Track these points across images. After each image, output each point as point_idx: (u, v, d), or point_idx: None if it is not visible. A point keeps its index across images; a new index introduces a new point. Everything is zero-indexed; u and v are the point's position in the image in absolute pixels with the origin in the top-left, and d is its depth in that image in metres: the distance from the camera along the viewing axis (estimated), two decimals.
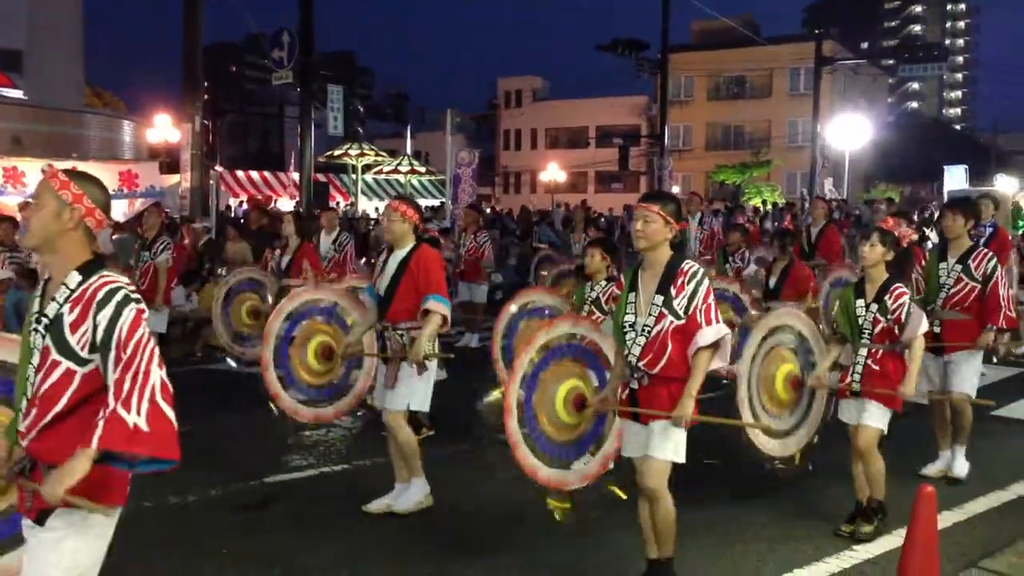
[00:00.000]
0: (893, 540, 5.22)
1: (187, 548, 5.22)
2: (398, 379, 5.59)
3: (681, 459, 4.28)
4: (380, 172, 34.30)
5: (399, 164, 34.01)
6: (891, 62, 67.20)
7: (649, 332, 4.22)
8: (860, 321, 5.39)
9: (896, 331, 5.32)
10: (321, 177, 26.75)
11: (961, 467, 6.54)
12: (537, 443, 4.74)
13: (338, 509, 5.79)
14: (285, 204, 27.54)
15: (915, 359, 5.27)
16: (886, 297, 5.30)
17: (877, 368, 5.34)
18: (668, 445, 4.24)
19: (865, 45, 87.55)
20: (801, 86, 49.59)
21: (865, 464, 5.37)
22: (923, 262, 6.81)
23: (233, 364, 10.21)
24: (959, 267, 6.40)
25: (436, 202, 33.68)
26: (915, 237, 5.83)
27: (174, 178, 18.60)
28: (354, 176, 32.61)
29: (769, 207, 33.04)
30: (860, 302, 5.40)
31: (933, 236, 15.70)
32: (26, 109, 23.55)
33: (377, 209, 29.12)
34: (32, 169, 16.22)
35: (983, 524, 5.75)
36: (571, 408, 4.74)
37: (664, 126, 29.30)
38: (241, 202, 27.46)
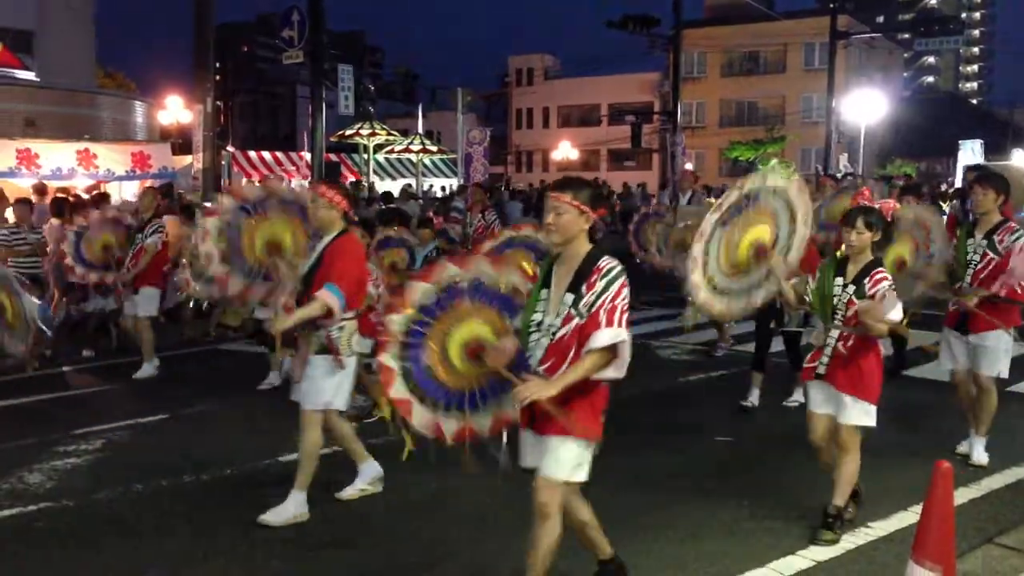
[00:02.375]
0: (909, 517, 5.21)
1: (205, 525, 5.26)
2: (310, 375, 5.35)
3: (582, 478, 3.85)
4: (392, 152, 34.25)
5: (410, 143, 33.95)
6: (907, 36, 66.80)
7: (554, 334, 3.79)
8: (835, 301, 5.05)
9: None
10: (333, 157, 26.72)
11: (981, 455, 6.40)
12: (417, 378, 3.95)
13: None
14: (297, 184, 27.55)
15: (880, 330, 4.85)
16: (865, 280, 4.97)
17: (846, 354, 5.02)
18: (562, 463, 3.80)
19: (881, 19, 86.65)
20: (816, 61, 49.19)
21: (843, 462, 5.07)
22: (953, 240, 6.57)
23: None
24: (984, 242, 6.22)
25: (449, 182, 33.63)
26: (898, 207, 5.51)
27: (186, 159, 18.62)
28: (366, 156, 32.58)
29: None
30: (839, 280, 5.07)
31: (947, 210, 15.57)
32: (39, 91, 23.57)
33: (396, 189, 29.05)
34: (45, 151, 16.25)
35: (999, 501, 5.71)
36: (465, 356, 3.92)
37: (677, 103, 29.11)
38: (253, 183, 27.47)
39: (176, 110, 31.40)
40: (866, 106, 39.85)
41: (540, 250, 6.61)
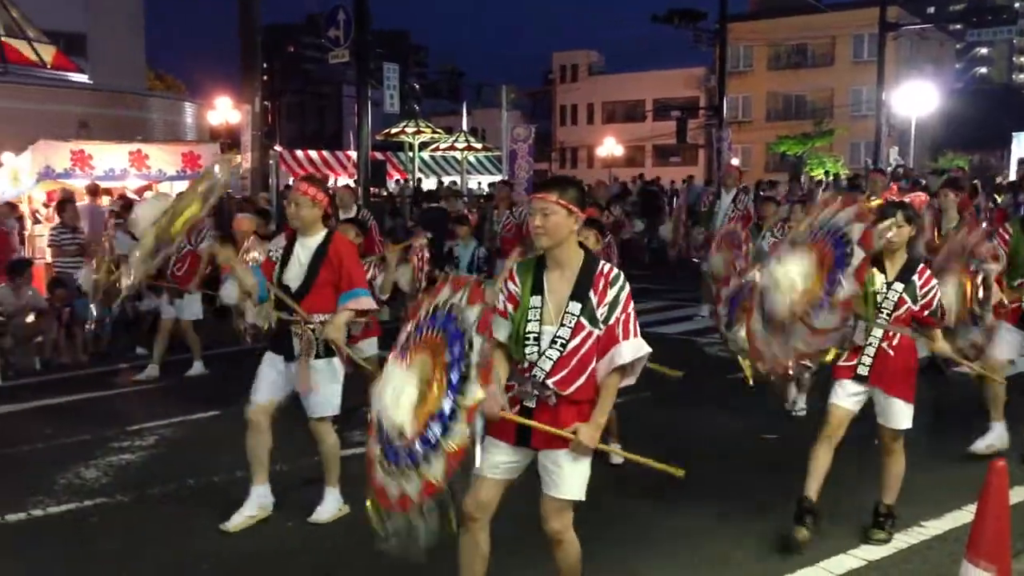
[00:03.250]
0: (963, 515, 5.13)
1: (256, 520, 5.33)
2: (317, 381, 5.13)
3: (583, 496, 3.67)
4: (437, 149, 34.41)
5: (455, 141, 34.09)
6: (959, 26, 65.50)
7: (564, 345, 3.58)
8: (879, 299, 4.83)
9: (926, 315, 4.86)
10: (379, 155, 26.91)
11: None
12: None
13: None
14: (344, 183, 27.80)
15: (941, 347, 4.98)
16: (914, 277, 4.80)
17: (892, 354, 4.83)
18: (575, 482, 3.62)
19: (932, 9, 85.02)
20: (865, 53, 48.40)
21: (889, 464, 4.99)
22: (1007, 235, 6.40)
23: None
24: None
25: (494, 178, 33.67)
26: (926, 199, 5.34)
27: (235, 159, 18.85)
28: (411, 154, 32.75)
29: (831, 178, 32.41)
30: (881, 278, 4.84)
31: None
32: (92, 93, 24.01)
33: (441, 183, 29.19)
34: (98, 152, 16.55)
35: None
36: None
37: (723, 97, 28.82)
38: None
39: (225, 111, 31.81)
40: (917, 98, 39.11)
41: None
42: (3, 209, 12.88)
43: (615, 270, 3.66)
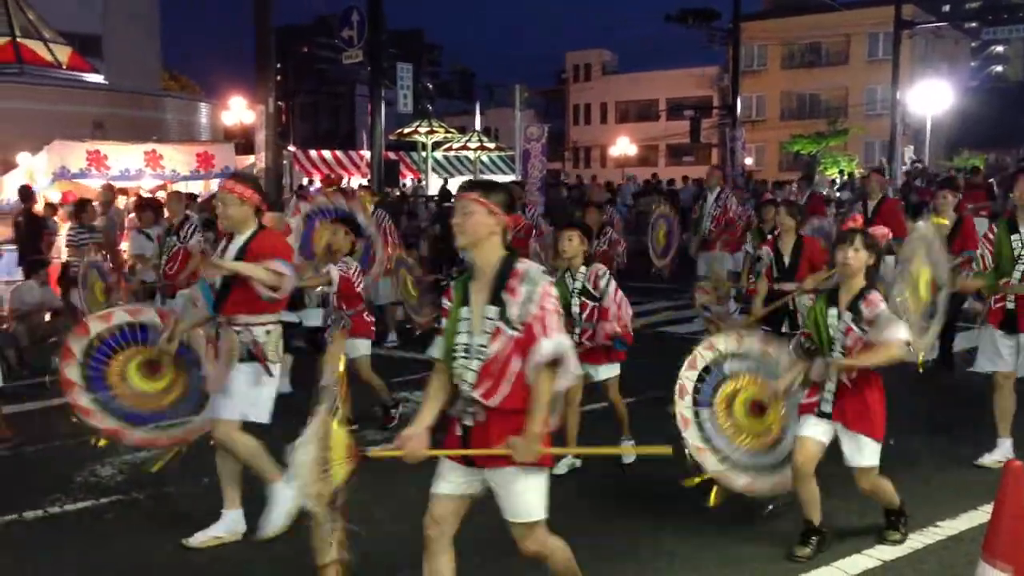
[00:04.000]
0: (979, 516, 5.11)
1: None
2: (232, 381, 4.90)
3: (543, 514, 3.52)
4: (450, 149, 34.41)
5: (468, 140, 34.10)
6: (974, 24, 65.20)
7: (484, 354, 3.45)
8: (831, 332, 4.74)
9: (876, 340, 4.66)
10: (391, 155, 26.96)
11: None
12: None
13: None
14: (358, 183, 27.84)
15: (879, 358, 4.58)
16: (860, 303, 4.65)
17: (851, 387, 4.69)
18: (529, 501, 3.46)
19: (947, 7, 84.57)
20: (880, 51, 48.18)
21: (873, 496, 4.92)
22: (991, 235, 6.32)
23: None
24: None
25: (507, 179, 33.69)
26: (890, 236, 5.21)
27: (249, 159, 18.92)
28: (424, 153, 32.77)
29: (846, 177, 32.28)
30: (833, 311, 4.75)
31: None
32: (107, 94, 24.13)
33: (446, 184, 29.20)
34: (114, 152, 16.66)
35: None
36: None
37: (736, 97, 28.75)
38: (311, 181, 27.84)
39: (239, 111, 31.94)
40: (932, 97, 38.93)
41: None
42: (47, 211, 13.05)
43: (531, 266, 3.48)
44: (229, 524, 5.08)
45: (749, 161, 40.12)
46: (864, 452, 4.71)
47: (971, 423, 6.97)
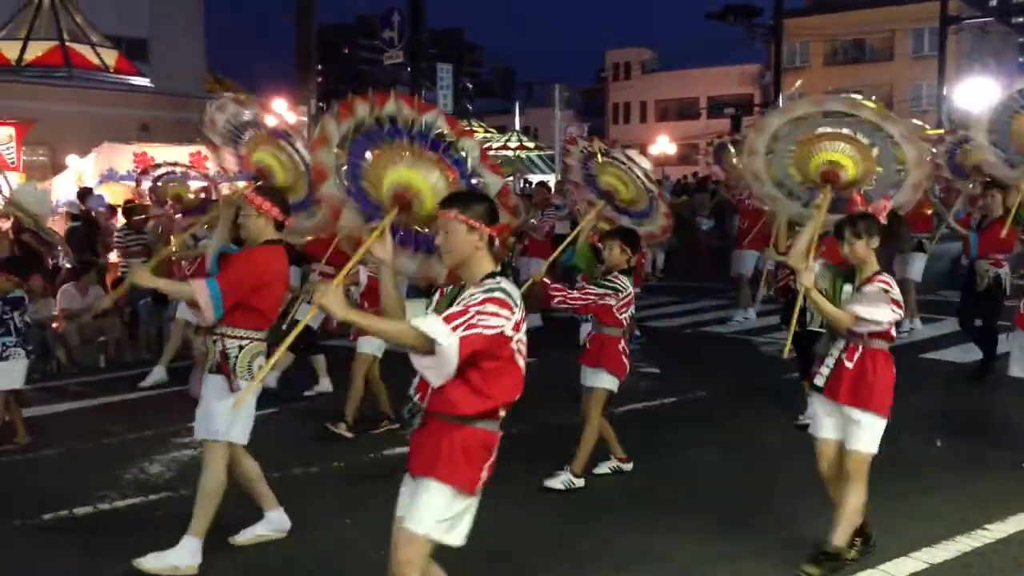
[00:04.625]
0: None
1: (307, 517, 5.41)
2: (204, 396, 4.80)
3: (451, 541, 3.32)
4: (489, 148, 34.46)
5: (508, 140, 34.14)
6: (1022, 19, 63.91)
7: None
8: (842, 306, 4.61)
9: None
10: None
11: None
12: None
13: None
14: None
15: (831, 310, 4.52)
16: (866, 285, 4.55)
17: (851, 367, 4.55)
18: (424, 515, 3.28)
19: (994, 2, 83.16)
20: (925, 47, 47.44)
21: (849, 492, 4.53)
22: None
23: None
24: None
25: (547, 178, 33.68)
26: (889, 204, 4.99)
27: None
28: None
29: None
30: (848, 287, 4.64)
31: None
32: (153, 96, 24.50)
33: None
34: (160, 154, 16.90)
35: None
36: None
37: (779, 94, 28.51)
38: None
39: (281, 112, 32.26)
40: (979, 93, 38.28)
41: None
42: (105, 213, 13.29)
43: (496, 283, 3.26)
44: (272, 523, 5.11)
45: None
46: (856, 430, 4.52)
47: (1019, 427, 6.86)
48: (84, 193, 13.74)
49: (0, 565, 4.97)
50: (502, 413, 3.36)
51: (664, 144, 50.04)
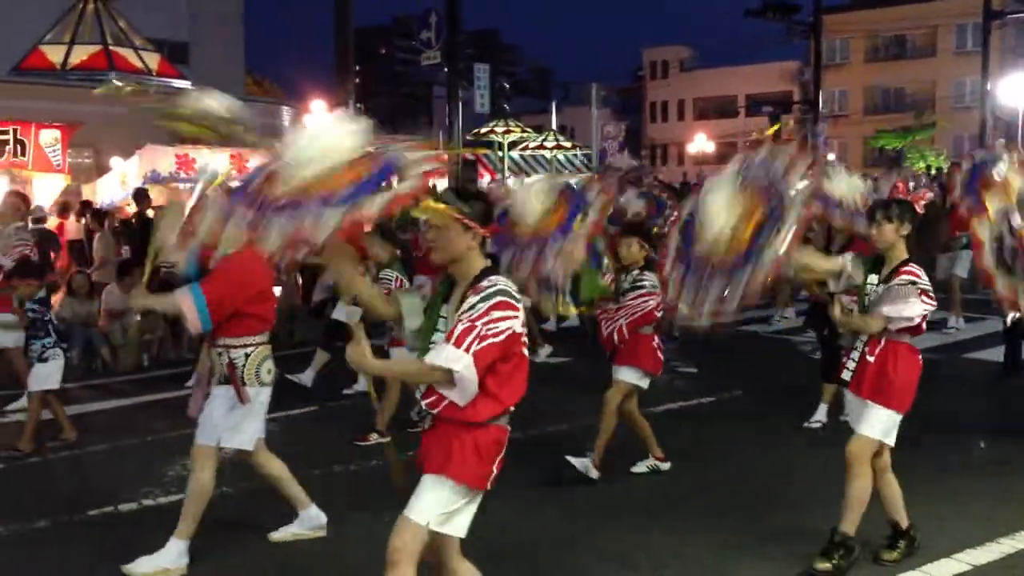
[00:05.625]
0: None
1: (339, 515, 5.46)
2: (209, 405, 4.80)
3: (455, 533, 3.38)
4: (526, 148, 34.48)
5: (545, 140, 34.12)
6: None
7: None
8: (866, 301, 4.56)
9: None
10: (468, 155, 27.16)
11: None
12: None
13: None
14: (435, 183, 28.10)
15: (860, 322, 4.48)
16: (894, 277, 4.46)
17: (873, 361, 4.49)
18: (424, 505, 3.32)
19: None
20: (968, 43, 46.74)
21: (849, 478, 4.48)
22: None
23: None
24: None
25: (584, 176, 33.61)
26: (931, 195, 4.75)
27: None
28: (500, 153, 32.91)
29: (934, 172, 31.38)
30: (873, 277, 4.56)
31: None
32: None
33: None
34: (201, 157, 17.12)
35: None
36: None
37: (818, 91, 28.23)
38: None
39: (320, 113, 32.51)
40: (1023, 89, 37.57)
41: None
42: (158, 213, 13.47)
43: (494, 285, 3.27)
44: (306, 521, 5.15)
45: (832, 157, 39.26)
46: (869, 419, 4.49)
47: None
48: (139, 194, 13.87)
49: (47, 560, 5.07)
50: (511, 409, 3.39)
51: (702, 142, 49.79)
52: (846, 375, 4.64)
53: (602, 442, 5.94)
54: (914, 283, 4.40)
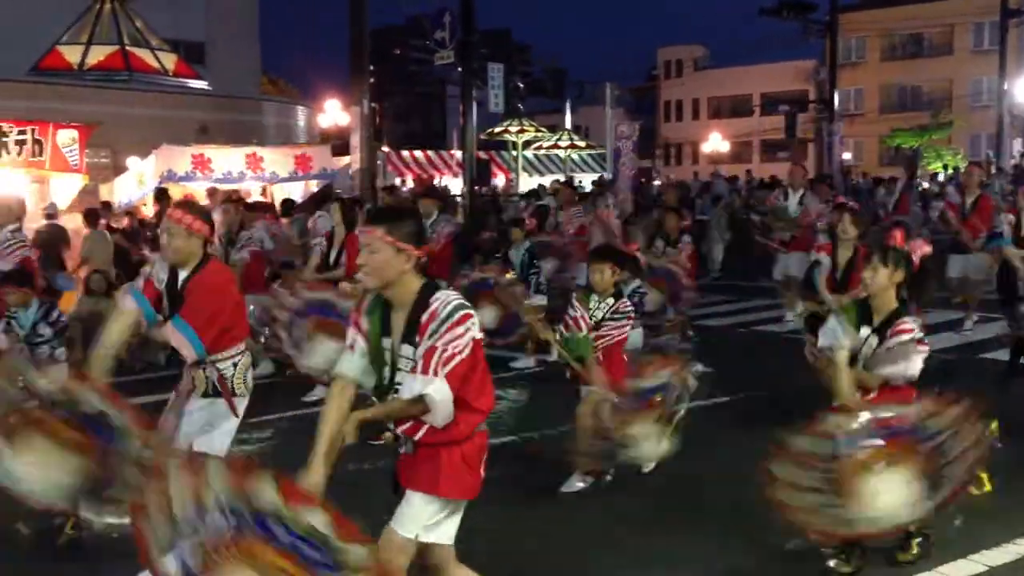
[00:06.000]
0: None
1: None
2: (185, 418, 4.73)
3: (442, 541, 3.36)
4: (540, 148, 34.51)
5: (559, 139, 34.17)
6: None
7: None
8: (862, 350, 4.45)
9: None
10: (482, 154, 27.24)
11: None
12: None
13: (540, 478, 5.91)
14: (449, 182, 28.18)
15: (848, 385, 4.37)
16: (888, 331, 4.36)
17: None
18: (409, 519, 3.30)
19: None
20: (985, 41, 46.47)
21: None
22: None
23: None
24: None
25: (598, 177, 33.69)
26: (928, 250, 4.71)
27: (345, 160, 19.37)
28: (514, 152, 32.95)
29: (951, 171, 31.23)
30: (865, 329, 4.46)
31: None
32: (211, 99, 25.00)
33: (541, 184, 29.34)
34: (217, 156, 17.24)
35: None
36: None
37: (834, 90, 28.13)
38: (403, 181, 28.28)
39: (334, 113, 32.62)
40: None
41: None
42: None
43: (448, 303, 3.20)
44: None
45: (847, 156, 39.15)
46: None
47: None
48: (161, 194, 13.95)
49: (73, 559, 5.12)
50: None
51: (717, 142, 49.70)
52: None
53: (595, 448, 5.67)
54: (913, 340, 4.35)
